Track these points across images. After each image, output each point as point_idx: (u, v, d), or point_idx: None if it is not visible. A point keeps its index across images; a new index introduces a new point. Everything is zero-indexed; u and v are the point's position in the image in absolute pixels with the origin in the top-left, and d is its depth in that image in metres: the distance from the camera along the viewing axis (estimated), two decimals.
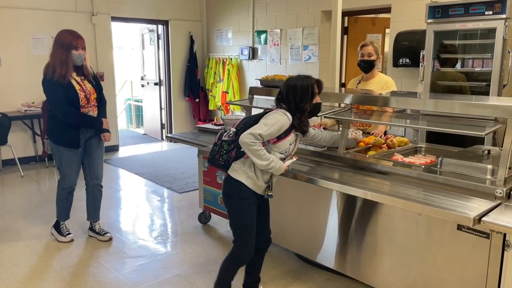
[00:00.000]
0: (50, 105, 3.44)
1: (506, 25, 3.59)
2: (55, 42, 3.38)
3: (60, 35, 3.39)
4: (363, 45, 3.72)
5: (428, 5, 4.05)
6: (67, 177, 3.58)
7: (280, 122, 2.35)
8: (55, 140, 3.49)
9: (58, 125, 3.43)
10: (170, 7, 7.65)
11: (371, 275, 2.71)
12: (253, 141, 2.27)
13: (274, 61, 6.89)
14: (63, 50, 3.32)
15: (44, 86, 3.37)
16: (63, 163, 3.54)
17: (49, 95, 3.37)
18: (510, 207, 2.08)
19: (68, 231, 3.75)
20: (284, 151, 2.43)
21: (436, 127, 2.59)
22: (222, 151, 2.44)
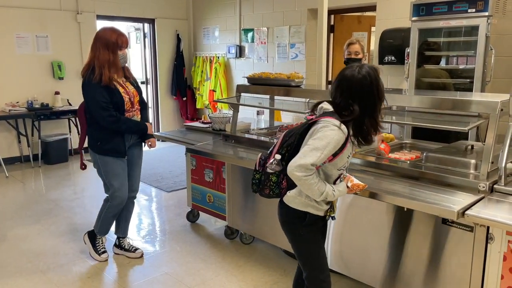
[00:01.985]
0: (94, 112, 3.01)
1: (488, 23, 3.65)
2: (97, 41, 3.02)
3: (103, 34, 3.04)
4: (349, 43, 3.76)
5: (413, 3, 4.10)
6: (118, 192, 3.16)
7: (334, 141, 1.84)
8: (99, 150, 3.10)
9: (102, 133, 3.06)
10: (156, 5, 7.60)
11: (358, 270, 2.74)
12: (306, 174, 1.83)
13: (261, 59, 6.89)
14: (109, 50, 2.98)
15: (85, 91, 3.01)
16: (111, 176, 3.13)
17: (93, 100, 2.98)
18: (493, 201, 2.13)
19: (103, 248, 3.39)
20: (342, 167, 2.00)
21: (421, 123, 2.63)
22: (270, 184, 2.02)
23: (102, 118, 2.99)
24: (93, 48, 3.04)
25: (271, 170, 2.00)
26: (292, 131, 2.03)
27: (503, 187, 2.19)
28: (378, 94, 1.92)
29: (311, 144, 1.86)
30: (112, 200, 3.19)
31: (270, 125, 4.06)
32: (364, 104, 1.89)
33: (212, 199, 3.77)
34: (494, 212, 2.00)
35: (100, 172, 3.19)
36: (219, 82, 7.45)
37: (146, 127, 3.24)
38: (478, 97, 2.46)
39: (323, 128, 1.86)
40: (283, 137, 2.05)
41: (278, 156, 1.99)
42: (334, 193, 1.95)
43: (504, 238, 2.08)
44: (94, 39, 3.05)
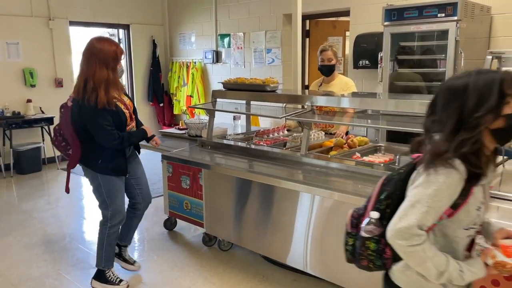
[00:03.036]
0: (98, 137, 2.77)
1: (458, 27, 3.74)
2: (92, 56, 2.63)
3: (101, 48, 2.63)
4: (322, 50, 3.79)
5: (385, 8, 4.18)
6: (118, 210, 2.96)
7: (449, 190, 1.27)
8: (100, 169, 2.85)
9: (103, 151, 2.82)
10: (130, 11, 7.53)
11: (338, 274, 2.75)
12: (412, 243, 1.27)
13: (238, 65, 6.90)
14: (108, 68, 2.63)
15: (85, 115, 2.70)
16: (113, 195, 2.92)
17: (95, 125, 2.71)
18: None
19: (118, 277, 3.06)
20: (471, 225, 1.35)
21: (393, 126, 2.67)
22: (368, 254, 1.42)
23: (107, 143, 2.77)
24: (87, 64, 2.65)
25: (367, 234, 1.40)
26: (396, 177, 1.43)
27: None
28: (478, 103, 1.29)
29: (414, 196, 1.29)
30: (112, 220, 2.95)
31: (247, 130, 4.06)
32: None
33: (190, 206, 3.73)
34: None
35: (99, 190, 2.91)
36: (196, 87, 7.41)
37: (146, 133, 3.05)
38: None
39: (431, 173, 1.27)
40: (381, 185, 1.47)
41: (375, 213, 1.40)
42: (464, 275, 1.30)
43: None
44: (88, 53, 2.66)
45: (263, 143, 3.37)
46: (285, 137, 3.57)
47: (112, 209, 2.93)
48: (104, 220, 2.97)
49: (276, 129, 3.72)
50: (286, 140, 3.42)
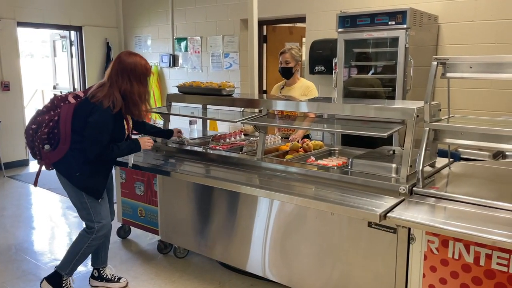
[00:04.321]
0: (91, 143, 2.63)
1: (407, 35, 3.89)
2: (127, 72, 2.65)
3: (136, 64, 2.67)
4: (281, 52, 3.84)
5: (338, 15, 4.27)
6: (106, 221, 2.83)
7: None
8: (75, 181, 2.72)
9: (84, 165, 2.69)
10: (83, 13, 7.29)
11: (293, 278, 2.75)
12: None
13: (196, 69, 6.83)
14: (143, 83, 2.71)
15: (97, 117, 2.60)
16: (96, 205, 2.78)
17: (96, 131, 2.61)
18: (413, 203, 2.23)
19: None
20: None
21: (345, 130, 2.72)
22: None
23: (92, 151, 2.63)
24: (121, 78, 2.65)
25: None
26: None
27: (421, 189, 2.31)
28: None
29: None
30: (98, 232, 2.79)
31: (204, 134, 4.01)
32: None
33: (144, 213, 3.63)
34: (414, 214, 2.10)
35: (82, 201, 2.76)
36: (152, 91, 7.26)
37: (138, 146, 2.87)
38: (397, 104, 2.59)
39: None
40: None
41: None
42: None
43: (424, 238, 2.18)
44: (122, 68, 2.66)
45: (220, 147, 3.34)
46: (242, 141, 3.56)
47: (98, 219, 2.79)
48: (90, 230, 2.80)
49: (233, 134, 3.69)
50: (242, 144, 3.40)
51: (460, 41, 4.34)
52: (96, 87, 2.72)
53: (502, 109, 4.14)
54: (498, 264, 2.00)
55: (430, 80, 2.32)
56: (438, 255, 2.15)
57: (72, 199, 2.82)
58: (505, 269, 1.99)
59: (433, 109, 2.39)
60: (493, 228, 1.90)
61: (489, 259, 2.02)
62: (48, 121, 2.70)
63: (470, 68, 2.28)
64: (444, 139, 2.41)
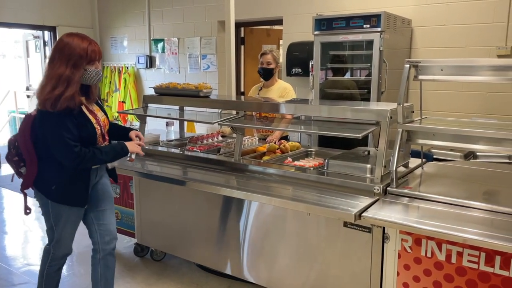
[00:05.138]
0: (55, 150, 2.27)
1: (381, 38, 3.96)
2: (59, 53, 2.24)
3: (69, 43, 2.23)
4: (262, 53, 3.86)
5: (314, 18, 4.32)
6: (63, 241, 2.47)
7: None
8: (52, 195, 2.37)
9: (59, 174, 2.33)
10: (57, 13, 7.14)
11: (270, 278, 2.77)
12: None
13: (173, 70, 6.79)
14: (68, 65, 2.21)
15: (45, 121, 2.25)
16: (60, 224, 2.43)
17: (54, 135, 2.23)
18: (387, 202, 2.28)
19: None
20: None
21: (321, 131, 2.75)
22: None
23: (66, 161, 2.27)
24: (55, 62, 2.24)
25: None
26: None
27: (395, 189, 2.36)
28: None
29: None
30: (55, 250, 2.49)
31: (181, 136, 3.98)
32: None
33: (120, 216, 3.58)
34: (388, 213, 2.14)
35: (47, 215, 2.45)
36: (129, 93, 7.18)
37: (125, 149, 2.43)
38: (371, 106, 2.64)
39: None
40: None
41: None
42: None
43: (398, 237, 2.23)
44: (56, 50, 2.26)
45: (197, 149, 3.32)
46: (219, 143, 3.55)
47: (56, 238, 2.46)
48: (48, 247, 2.52)
49: (210, 135, 3.68)
50: (220, 146, 3.40)
51: (433, 44, 4.45)
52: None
53: (473, 111, 4.26)
54: (469, 261, 2.06)
55: (403, 82, 2.38)
56: (411, 254, 2.20)
57: (42, 211, 2.49)
58: (475, 266, 2.05)
59: (406, 111, 2.45)
60: (465, 227, 1.96)
61: (460, 256, 2.07)
62: (13, 141, 2.39)
63: (441, 71, 2.35)
64: (417, 140, 2.47)
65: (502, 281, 1.99)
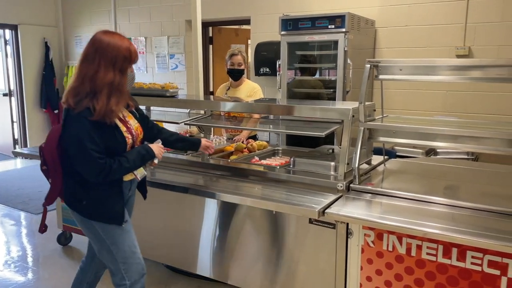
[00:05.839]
0: (76, 163, 2.01)
1: (346, 38, 4.04)
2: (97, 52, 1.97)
3: (110, 42, 1.98)
4: (232, 54, 3.85)
5: (281, 18, 4.37)
6: (131, 258, 2.14)
7: None
8: (85, 212, 2.11)
9: (89, 189, 2.07)
10: (19, 11, 6.91)
11: (238, 277, 2.78)
12: None
13: (141, 70, 6.69)
14: (115, 69, 1.97)
15: (69, 127, 1.99)
16: (119, 242, 2.11)
17: (78, 147, 1.96)
18: (350, 199, 2.34)
19: None
20: None
21: (286, 130, 2.79)
22: None
23: (89, 175, 2.00)
24: (87, 61, 1.99)
25: None
26: None
27: (358, 185, 2.42)
28: None
29: None
30: (129, 275, 2.15)
31: None
32: None
33: None
34: (350, 209, 2.20)
35: (98, 237, 2.14)
36: None
37: (150, 152, 2.18)
38: (334, 105, 2.70)
39: None
40: None
41: None
42: None
43: (361, 233, 2.29)
44: (92, 48, 1.99)
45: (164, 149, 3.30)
46: None
47: (123, 260, 2.13)
48: (119, 278, 2.14)
49: None
50: None
51: (396, 44, 4.58)
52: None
53: (435, 109, 4.41)
54: (427, 254, 2.14)
55: (364, 82, 2.45)
56: (374, 248, 2.26)
57: (90, 238, 2.20)
58: (434, 258, 2.13)
59: (368, 109, 2.52)
60: (424, 221, 2.03)
61: (420, 249, 2.15)
62: (40, 151, 2.15)
63: (400, 71, 2.43)
64: (378, 137, 2.54)
65: (459, 272, 2.08)
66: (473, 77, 2.41)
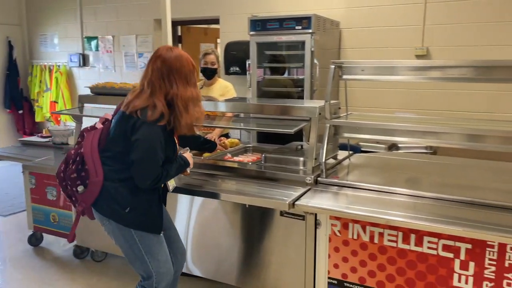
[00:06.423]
0: (144, 168, 2.07)
1: (312, 39, 4.20)
2: (172, 73, 2.12)
3: (181, 62, 2.14)
4: (205, 53, 3.90)
5: (250, 19, 4.48)
6: (163, 268, 2.23)
7: None
8: (127, 221, 2.13)
9: (135, 194, 2.13)
10: None
11: (214, 271, 2.88)
12: None
13: (108, 68, 6.65)
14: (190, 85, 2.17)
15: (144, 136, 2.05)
16: (153, 251, 2.19)
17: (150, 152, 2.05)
18: (318, 191, 2.48)
19: None
20: None
21: (257, 128, 2.90)
22: None
23: (147, 179, 2.08)
24: (167, 81, 2.12)
25: None
26: None
27: (325, 179, 2.57)
28: None
29: None
30: (159, 283, 2.22)
31: None
32: None
33: (57, 219, 3.51)
34: (318, 201, 2.34)
35: (133, 248, 2.18)
36: (61, 92, 6.93)
37: (186, 164, 2.34)
38: (302, 103, 2.84)
39: None
40: None
41: None
42: None
43: (328, 223, 2.44)
44: (167, 68, 2.12)
45: None
46: None
47: (156, 270, 2.20)
48: (148, 284, 2.24)
49: None
50: None
51: (359, 45, 4.79)
52: (131, 96, 2.21)
53: (396, 107, 4.64)
54: (389, 241, 2.31)
55: (329, 81, 2.60)
56: (340, 237, 2.42)
57: (124, 248, 2.22)
58: (394, 244, 2.30)
59: (333, 108, 2.67)
60: (387, 210, 2.19)
61: (382, 237, 2.32)
62: (74, 156, 2.17)
63: (363, 71, 2.59)
64: (343, 133, 2.70)
65: (417, 257, 2.26)
66: (430, 77, 2.60)
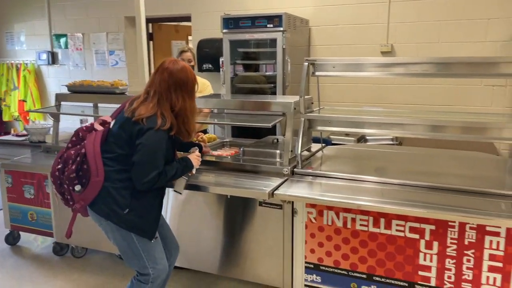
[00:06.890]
0: (145, 171, 2.15)
1: (283, 36, 4.35)
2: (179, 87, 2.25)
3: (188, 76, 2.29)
4: (182, 51, 3.97)
5: (222, 17, 4.58)
6: (159, 264, 2.33)
7: None
8: (123, 221, 2.21)
9: (136, 198, 2.21)
10: None
11: (196, 261, 2.99)
12: None
13: (78, 66, 6.59)
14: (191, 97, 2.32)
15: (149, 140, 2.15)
16: (149, 249, 2.28)
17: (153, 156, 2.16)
18: (295, 181, 2.63)
19: None
20: None
21: (236, 123, 3.02)
22: None
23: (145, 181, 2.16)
24: (174, 94, 2.24)
25: None
26: None
27: (300, 169, 2.73)
28: None
29: None
30: (155, 279, 2.31)
31: None
32: None
33: (35, 217, 3.52)
34: (296, 190, 2.49)
35: (133, 248, 2.27)
36: (29, 91, 6.81)
37: (190, 165, 2.43)
38: (278, 99, 2.98)
39: None
40: None
41: None
42: None
43: (304, 211, 2.60)
44: (175, 82, 2.24)
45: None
46: None
47: (152, 265, 2.30)
48: (144, 279, 2.32)
49: None
50: None
51: (328, 42, 4.98)
52: (136, 103, 2.27)
53: (365, 101, 4.86)
54: (360, 225, 2.50)
55: (303, 77, 2.75)
56: (316, 223, 2.58)
57: (121, 247, 2.31)
58: (365, 228, 2.49)
59: (307, 102, 2.83)
60: (358, 196, 2.37)
61: (354, 222, 2.50)
62: (74, 156, 2.22)
63: (333, 68, 2.77)
64: (316, 127, 2.87)
65: (387, 239, 2.45)
66: (395, 73, 2.82)
